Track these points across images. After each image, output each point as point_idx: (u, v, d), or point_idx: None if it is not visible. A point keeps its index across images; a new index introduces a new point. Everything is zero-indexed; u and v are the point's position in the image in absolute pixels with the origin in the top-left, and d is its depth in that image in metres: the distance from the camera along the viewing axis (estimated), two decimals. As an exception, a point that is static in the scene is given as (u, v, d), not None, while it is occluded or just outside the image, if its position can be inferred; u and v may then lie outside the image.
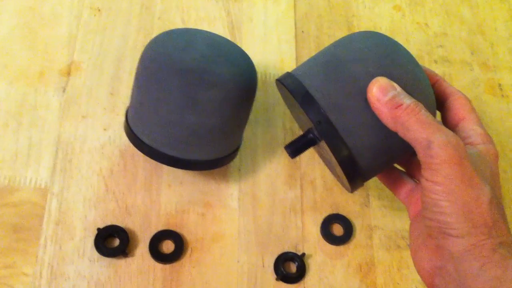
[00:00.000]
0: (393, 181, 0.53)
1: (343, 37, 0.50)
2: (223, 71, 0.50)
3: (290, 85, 0.47)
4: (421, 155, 0.42)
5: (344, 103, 0.45)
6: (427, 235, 0.44)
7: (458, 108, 0.48)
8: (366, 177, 0.49)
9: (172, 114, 0.50)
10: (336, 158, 0.46)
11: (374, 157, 0.46)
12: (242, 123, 0.56)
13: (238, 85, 0.51)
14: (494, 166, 0.45)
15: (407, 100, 0.43)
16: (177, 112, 0.50)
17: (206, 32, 0.54)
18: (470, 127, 0.47)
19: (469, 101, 0.49)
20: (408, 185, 0.52)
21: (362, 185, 0.49)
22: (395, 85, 0.44)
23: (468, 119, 0.47)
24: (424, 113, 0.42)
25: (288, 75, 0.49)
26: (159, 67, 0.50)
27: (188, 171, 0.61)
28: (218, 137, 0.53)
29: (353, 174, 0.47)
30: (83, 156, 0.60)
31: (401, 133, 0.43)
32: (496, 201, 0.42)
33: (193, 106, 0.50)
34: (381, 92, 0.43)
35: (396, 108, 0.43)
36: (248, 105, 0.54)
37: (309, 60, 0.50)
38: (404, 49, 0.48)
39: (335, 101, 0.45)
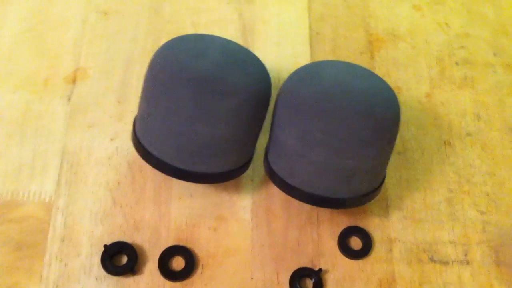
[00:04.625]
0: None
1: None
2: (237, 80, 0.47)
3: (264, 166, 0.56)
4: None
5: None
6: None
7: None
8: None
9: (183, 125, 0.48)
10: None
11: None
12: (256, 133, 0.53)
13: (252, 95, 0.49)
14: None
15: None
16: (188, 123, 0.48)
17: (219, 38, 0.51)
18: None
19: None
20: None
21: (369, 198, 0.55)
22: None
23: None
24: None
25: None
26: (169, 76, 0.47)
27: (199, 182, 0.58)
28: (231, 148, 0.51)
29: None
30: (89, 168, 0.58)
31: None
32: None
33: (205, 116, 0.47)
34: None
35: None
36: (262, 115, 0.52)
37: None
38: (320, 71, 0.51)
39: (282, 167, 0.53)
